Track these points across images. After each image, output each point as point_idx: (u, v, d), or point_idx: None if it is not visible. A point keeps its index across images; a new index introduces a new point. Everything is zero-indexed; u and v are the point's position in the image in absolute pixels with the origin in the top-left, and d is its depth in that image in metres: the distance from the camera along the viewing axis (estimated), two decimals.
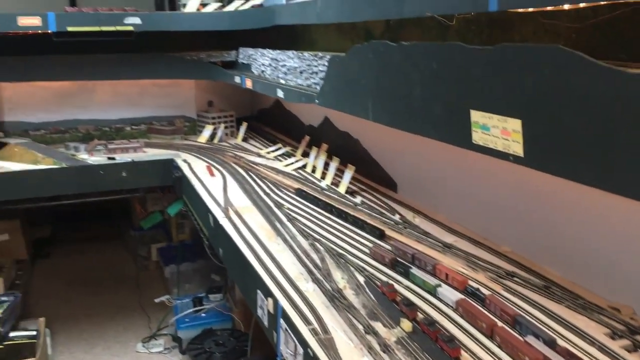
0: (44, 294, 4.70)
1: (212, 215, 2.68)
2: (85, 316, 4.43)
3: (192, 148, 4.05)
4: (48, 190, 3.61)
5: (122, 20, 3.55)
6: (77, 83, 4.24)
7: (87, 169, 3.63)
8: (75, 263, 5.39)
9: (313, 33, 3.17)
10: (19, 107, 4.22)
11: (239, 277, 2.34)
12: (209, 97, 4.65)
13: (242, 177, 3.27)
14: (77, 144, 4.01)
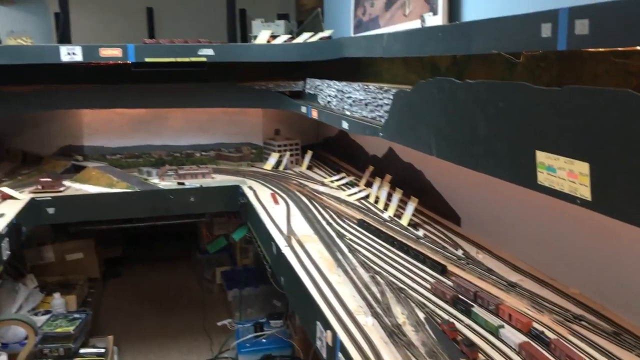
0: (114, 312, 4.87)
1: (274, 243, 2.72)
2: (151, 336, 4.55)
3: (258, 175, 4.14)
4: (122, 213, 3.77)
5: (196, 51, 3.70)
6: (152, 110, 4.44)
7: (158, 193, 3.77)
8: (144, 283, 5.56)
9: (379, 65, 3.20)
10: (98, 133, 4.46)
11: (299, 307, 2.36)
12: (276, 125, 4.75)
13: (306, 205, 3.30)
14: (149, 168, 4.18)
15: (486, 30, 1.65)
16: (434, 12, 2.40)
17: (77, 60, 3.57)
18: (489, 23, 1.63)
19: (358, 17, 3.42)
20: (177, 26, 5.95)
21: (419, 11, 2.56)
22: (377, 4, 3.14)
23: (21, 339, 3.60)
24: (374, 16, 3.19)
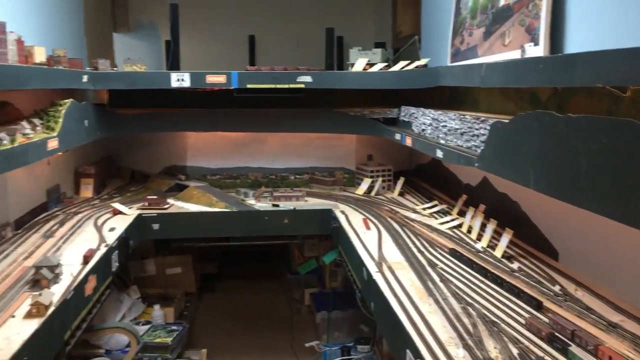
0: (207, 326, 5.05)
1: (365, 268, 2.75)
2: (241, 351, 4.67)
3: (350, 200, 4.20)
4: (219, 231, 3.95)
5: (295, 78, 3.84)
6: (250, 134, 4.64)
7: (254, 214, 3.92)
8: (236, 299, 5.73)
9: (476, 94, 3.18)
10: (200, 154, 4.71)
11: (388, 333, 2.37)
12: (369, 151, 4.81)
13: (397, 232, 3.32)
14: (246, 189, 4.35)
15: (590, 63, 1.63)
16: (535, 43, 2.38)
17: (185, 86, 3.81)
18: (593, 55, 1.60)
19: (456, 45, 3.42)
20: (277, 53, 6.18)
21: (519, 41, 2.53)
22: (475, 33, 3.13)
23: (123, 346, 3.82)
24: (472, 45, 3.18)
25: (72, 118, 3.21)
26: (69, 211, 3.79)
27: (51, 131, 2.95)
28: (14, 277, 2.54)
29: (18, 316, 2.14)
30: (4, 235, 3.14)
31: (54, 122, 3.00)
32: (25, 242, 3.09)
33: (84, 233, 3.29)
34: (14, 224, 3.27)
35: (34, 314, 2.13)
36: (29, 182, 3.51)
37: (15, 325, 2.07)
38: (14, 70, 2.57)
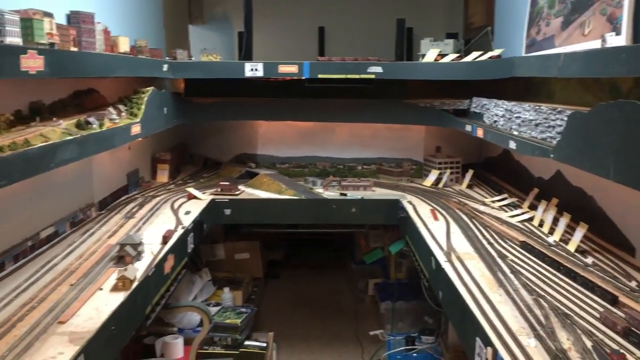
0: (272, 311, 5.18)
1: (434, 258, 2.76)
2: (304, 337, 4.78)
3: (417, 191, 4.20)
4: (288, 218, 4.05)
5: (366, 69, 3.87)
6: (319, 124, 4.70)
7: (322, 202, 3.98)
8: (300, 287, 5.84)
9: (551, 85, 3.12)
10: (270, 143, 4.82)
11: (457, 322, 2.38)
12: (437, 143, 4.78)
13: (465, 223, 3.30)
14: (314, 178, 4.42)
15: None
16: (617, 32, 2.31)
17: (258, 75, 3.91)
18: None
19: (531, 36, 3.36)
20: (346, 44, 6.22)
21: (600, 31, 2.47)
22: (553, 23, 3.07)
23: (194, 326, 3.99)
24: (548, 35, 3.12)
25: (153, 105, 3.36)
26: (147, 194, 3.97)
27: (134, 117, 3.10)
28: (99, 253, 2.71)
29: (105, 289, 2.28)
30: (89, 215, 3.34)
31: (137, 108, 3.15)
32: (108, 222, 3.27)
33: (161, 215, 3.44)
34: (98, 204, 3.47)
35: (119, 288, 2.27)
36: (112, 166, 3.71)
37: (103, 297, 2.21)
38: (106, 59, 2.72)
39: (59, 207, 2.98)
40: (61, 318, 1.99)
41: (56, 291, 2.24)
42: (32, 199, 2.67)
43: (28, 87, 2.58)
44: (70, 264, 2.56)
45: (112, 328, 2.04)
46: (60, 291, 2.25)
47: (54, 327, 1.94)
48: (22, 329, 1.91)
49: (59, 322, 1.96)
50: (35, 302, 2.13)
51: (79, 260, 2.61)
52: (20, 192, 2.50)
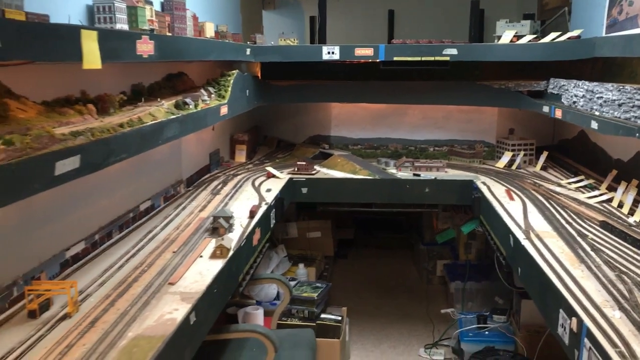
0: (341, 289, 5.33)
1: (512, 236, 2.82)
2: (377, 315, 4.91)
3: (490, 172, 4.23)
4: (362, 197, 4.17)
5: (441, 51, 3.92)
6: (392, 105, 4.78)
7: (395, 182, 4.08)
8: (368, 267, 5.98)
9: (634, 66, 3.09)
10: (343, 125, 4.94)
11: (537, 296, 2.44)
12: (510, 125, 4.78)
13: (542, 203, 3.33)
14: (387, 159, 4.52)
15: None
16: None
17: (334, 58, 4.03)
18: None
19: (612, 16, 3.33)
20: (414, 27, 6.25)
21: None
22: (636, 3, 3.04)
23: (271, 299, 4.19)
24: (631, 15, 3.09)
25: (237, 87, 3.54)
26: (228, 173, 4.18)
27: (222, 99, 3.29)
28: (194, 225, 2.91)
29: (205, 256, 2.48)
30: (179, 191, 3.56)
31: (225, 90, 3.34)
32: (196, 197, 3.49)
33: (244, 192, 3.63)
34: (186, 181, 3.69)
35: (218, 255, 2.46)
36: (197, 146, 3.92)
37: (204, 263, 2.41)
38: (202, 43, 2.91)
39: (155, 183, 3.21)
40: (171, 280, 2.19)
41: (161, 257, 2.46)
42: (133, 175, 2.90)
43: (131, 71, 2.80)
44: (169, 234, 2.78)
45: (214, 290, 2.23)
46: (165, 257, 2.46)
47: (165, 287, 2.14)
48: (138, 288, 2.12)
49: (169, 283, 2.17)
50: (145, 266, 2.34)
51: (177, 231, 2.82)
52: (124, 169, 2.72)
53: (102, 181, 2.56)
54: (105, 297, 2.04)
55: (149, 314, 1.91)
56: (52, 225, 2.20)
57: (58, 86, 2.13)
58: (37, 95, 1.95)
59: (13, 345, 1.71)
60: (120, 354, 1.65)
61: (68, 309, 1.89)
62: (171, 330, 1.78)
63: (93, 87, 2.32)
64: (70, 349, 1.67)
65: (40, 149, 1.47)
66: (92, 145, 1.72)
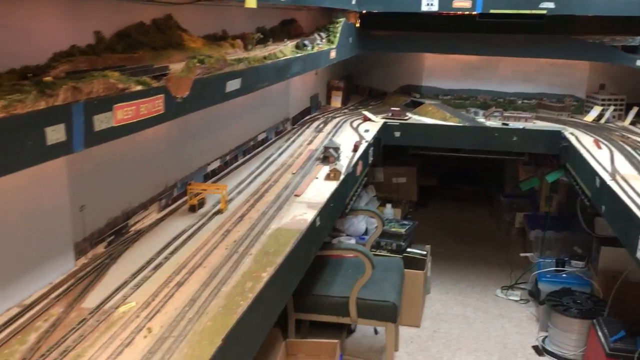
0: (422, 232, 5.63)
1: (598, 177, 3.03)
2: (452, 258, 5.19)
3: (578, 125, 4.37)
4: (451, 143, 4.42)
5: (537, 4, 4.06)
6: (484, 58, 4.96)
7: (484, 129, 4.31)
8: (447, 216, 6.25)
9: None
10: (434, 75, 5.17)
11: (620, 228, 2.67)
12: (601, 80, 4.86)
13: (630, 153, 3.49)
14: (476, 109, 4.73)
15: None
16: None
17: (433, 10, 4.25)
18: None
19: None
20: None
21: None
22: None
23: (360, 233, 4.55)
24: None
25: (344, 34, 3.85)
26: (327, 115, 4.54)
27: (331, 44, 3.61)
28: (305, 154, 3.30)
29: (320, 178, 2.86)
30: (286, 128, 3.96)
31: (333, 36, 3.66)
32: (302, 134, 3.87)
33: (344, 132, 3.98)
34: (292, 120, 4.08)
35: (331, 178, 2.83)
36: (301, 88, 4.29)
37: (320, 183, 2.79)
38: None
39: (269, 117, 3.62)
40: (296, 192, 2.59)
41: (283, 177, 2.86)
42: (254, 108, 3.30)
43: (256, 16, 3.16)
44: (285, 160, 3.18)
45: (331, 205, 2.61)
46: (286, 177, 2.86)
47: (292, 198, 2.54)
48: (270, 197, 2.53)
49: (295, 195, 2.57)
50: (272, 182, 2.75)
51: (291, 158, 3.22)
52: (248, 102, 3.12)
53: (232, 110, 2.97)
54: (245, 201, 2.47)
55: (284, 214, 2.32)
56: (199, 142, 2.63)
57: (208, 25, 2.52)
58: (194, 31, 2.35)
59: (184, 228, 2.15)
60: (268, 239, 2.06)
61: (221, 206, 2.32)
62: (305, 227, 2.18)
63: (230, 27, 2.70)
64: (229, 234, 2.10)
65: (219, 69, 1.86)
66: (248, 71, 2.10)
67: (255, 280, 1.76)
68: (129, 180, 2.11)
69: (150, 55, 1.79)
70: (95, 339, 1.44)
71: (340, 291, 3.10)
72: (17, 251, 1.59)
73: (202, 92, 1.74)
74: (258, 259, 1.91)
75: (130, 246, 2.00)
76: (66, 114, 1.18)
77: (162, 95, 1.52)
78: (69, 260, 1.80)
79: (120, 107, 1.35)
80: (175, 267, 1.84)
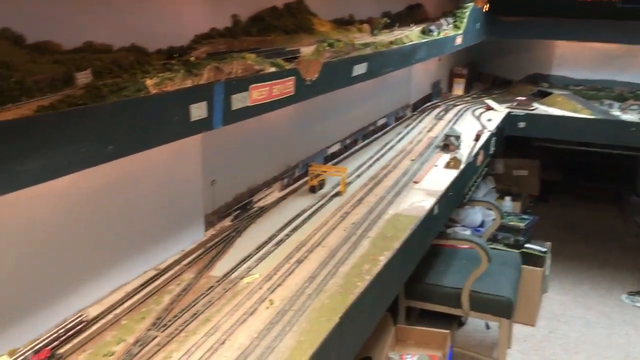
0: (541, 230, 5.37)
1: None
2: (573, 258, 4.91)
3: None
4: (580, 136, 4.19)
5: None
6: (623, 47, 4.61)
7: (619, 123, 4.02)
8: (569, 213, 5.89)
9: None
10: (565, 64, 4.90)
11: None
12: None
13: None
14: (611, 101, 4.42)
15: None
16: None
17: None
18: None
19: None
20: None
21: None
22: None
23: (476, 225, 4.44)
24: None
25: (471, 20, 3.74)
26: (448, 103, 4.45)
27: (457, 29, 3.53)
28: (425, 142, 3.26)
29: (439, 166, 2.82)
30: (406, 114, 3.93)
31: (460, 22, 3.57)
32: (422, 120, 3.83)
33: (465, 120, 3.89)
34: (412, 106, 4.04)
35: (451, 166, 2.79)
36: (423, 74, 4.23)
37: (439, 171, 2.76)
38: None
39: (389, 103, 3.61)
40: (415, 179, 2.58)
41: (402, 163, 2.86)
42: (375, 93, 3.31)
43: (381, 1, 3.15)
44: (404, 146, 3.17)
45: (449, 193, 2.57)
46: (405, 163, 2.85)
47: (410, 184, 2.53)
48: (388, 182, 2.54)
49: (414, 182, 2.55)
50: (391, 168, 2.76)
51: (411, 144, 3.20)
52: (369, 87, 3.13)
53: (353, 95, 3.00)
54: (364, 185, 2.49)
55: (402, 200, 2.32)
56: (320, 125, 2.69)
57: (335, 9, 2.56)
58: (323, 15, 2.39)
59: (304, 207, 2.22)
60: (386, 224, 2.07)
61: (340, 188, 2.36)
62: (423, 214, 2.17)
63: (357, 12, 2.72)
64: (347, 216, 2.14)
65: (347, 53, 1.88)
66: (374, 55, 2.11)
67: (372, 263, 1.78)
68: (254, 159, 2.21)
69: (282, 39, 1.85)
70: (222, 306, 1.54)
71: (453, 282, 3.05)
72: (156, 219, 1.73)
73: (329, 76, 1.78)
74: (375, 243, 1.93)
75: (254, 221, 2.10)
76: (209, 92, 1.25)
77: (293, 77, 1.58)
78: (199, 230, 1.93)
79: (256, 88, 1.41)
80: (296, 245, 1.90)
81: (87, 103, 0.99)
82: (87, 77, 1.10)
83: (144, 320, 1.46)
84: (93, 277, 1.53)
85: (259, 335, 1.40)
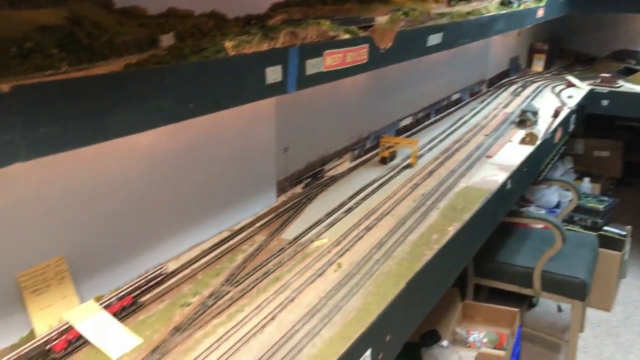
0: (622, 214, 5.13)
1: None
2: None
3: None
4: None
5: None
6: None
7: None
8: None
9: None
10: None
11: None
12: None
13: None
14: None
15: None
16: None
17: None
18: None
19: None
20: None
21: None
22: None
23: (551, 206, 4.30)
24: None
25: None
26: (526, 79, 4.31)
27: (539, 1, 3.40)
28: (500, 117, 3.19)
29: (514, 142, 2.76)
30: (481, 89, 3.85)
31: None
32: (498, 96, 3.73)
33: (544, 97, 3.76)
34: (488, 81, 3.95)
35: (527, 142, 2.72)
36: (501, 50, 4.12)
37: (513, 147, 2.69)
38: None
39: (464, 78, 3.54)
40: (488, 154, 2.53)
41: (475, 137, 2.81)
42: (450, 66, 3.26)
43: None
44: (478, 121, 3.11)
45: (524, 169, 2.51)
46: (479, 138, 2.80)
47: (483, 159, 2.49)
48: (460, 156, 2.51)
49: (487, 156, 2.51)
50: (463, 142, 2.72)
51: (485, 120, 3.14)
52: (443, 61, 3.09)
53: (428, 68, 2.97)
54: (435, 158, 2.48)
55: (474, 174, 2.29)
56: (393, 97, 2.69)
57: None
58: None
59: (374, 178, 2.24)
60: (456, 196, 2.06)
61: (411, 160, 2.36)
62: (495, 188, 2.14)
63: None
64: (417, 187, 2.14)
65: (422, 22, 1.87)
66: (450, 26, 2.08)
67: (441, 233, 1.78)
68: (327, 128, 2.24)
69: (357, 8, 1.85)
70: (292, 267, 1.59)
71: (525, 261, 2.99)
72: (231, 183, 1.79)
73: (403, 45, 1.77)
74: (445, 214, 1.92)
75: (324, 189, 2.14)
76: (284, 56, 1.29)
77: (367, 45, 1.58)
78: (271, 195, 1.99)
79: (330, 54, 1.43)
80: (365, 212, 1.93)
81: (170, 62, 1.04)
82: (170, 40, 1.16)
83: (218, 277, 1.54)
84: (172, 234, 1.61)
85: (327, 295, 1.44)
